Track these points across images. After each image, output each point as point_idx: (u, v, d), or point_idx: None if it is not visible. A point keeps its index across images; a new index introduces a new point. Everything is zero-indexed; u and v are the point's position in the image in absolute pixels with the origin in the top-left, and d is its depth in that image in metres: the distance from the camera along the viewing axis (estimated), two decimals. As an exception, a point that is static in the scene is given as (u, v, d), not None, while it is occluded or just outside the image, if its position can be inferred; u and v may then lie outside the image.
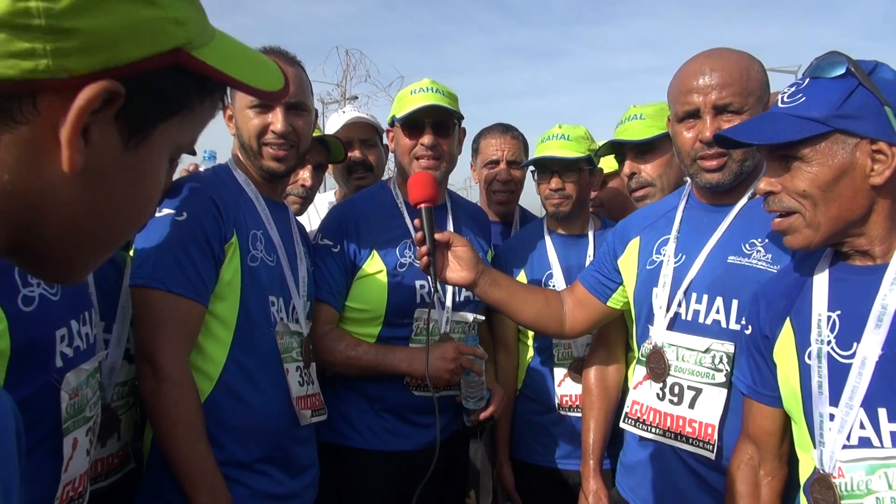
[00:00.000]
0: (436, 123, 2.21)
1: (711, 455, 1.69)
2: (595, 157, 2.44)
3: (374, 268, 2.19)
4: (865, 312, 1.30)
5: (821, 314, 1.38)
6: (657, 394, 1.80)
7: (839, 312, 1.35)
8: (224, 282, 1.79)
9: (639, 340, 1.94)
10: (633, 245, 1.97)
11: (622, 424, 1.94)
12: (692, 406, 1.73)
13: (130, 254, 1.79)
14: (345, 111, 3.10)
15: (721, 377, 1.69)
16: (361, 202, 2.35)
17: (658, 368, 1.80)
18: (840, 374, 1.31)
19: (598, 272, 2.06)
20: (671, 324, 1.80)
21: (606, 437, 2.25)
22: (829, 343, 1.35)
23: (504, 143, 2.92)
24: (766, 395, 1.52)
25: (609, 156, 2.48)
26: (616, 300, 2.04)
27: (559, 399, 2.40)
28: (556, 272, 2.43)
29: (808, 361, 1.37)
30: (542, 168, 2.44)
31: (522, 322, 2.19)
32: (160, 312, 1.68)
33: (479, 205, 2.91)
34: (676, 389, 1.76)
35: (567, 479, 2.40)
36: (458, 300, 2.29)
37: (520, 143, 2.97)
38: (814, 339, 1.37)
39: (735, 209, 1.78)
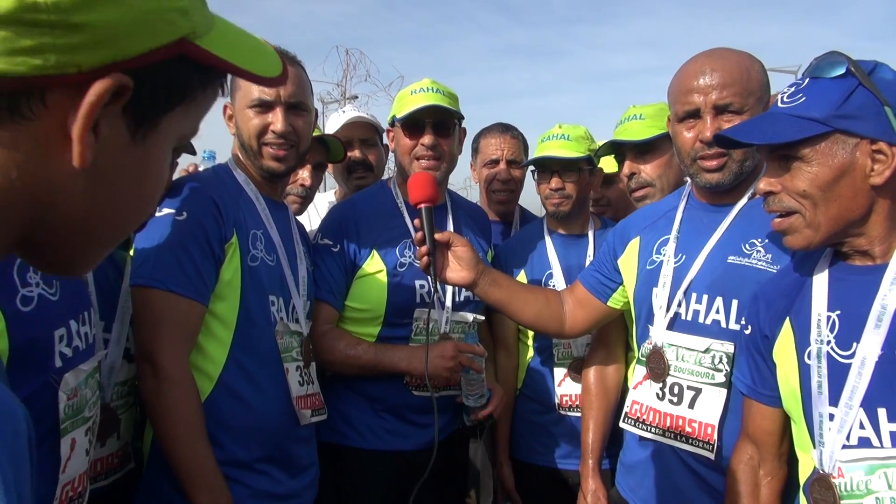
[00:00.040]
0: (436, 123, 2.21)
1: (711, 455, 1.69)
2: (595, 158, 2.44)
3: (374, 267, 2.19)
4: (865, 312, 1.30)
5: (820, 314, 1.38)
6: (657, 394, 1.80)
7: (839, 312, 1.35)
8: (224, 281, 1.80)
9: (639, 340, 1.94)
10: (633, 245, 1.97)
11: (622, 424, 1.94)
12: (692, 406, 1.73)
13: (130, 253, 1.80)
14: (345, 111, 3.10)
15: (721, 377, 1.69)
16: (361, 202, 2.35)
17: (658, 368, 1.80)
18: (840, 374, 1.31)
19: (599, 272, 2.06)
20: (671, 324, 1.80)
21: (606, 437, 2.25)
22: (829, 343, 1.35)
23: (504, 143, 2.92)
24: (766, 395, 1.52)
25: (609, 156, 2.48)
26: (616, 300, 2.04)
27: (559, 399, 2.40)
28: (556, 272, 2.43)
29: (808, 361, 1.37)
30: (542, 168, 2.44)
31: (522, 322, 2.19)
32: (160, 312, 1.68)
33: (479, 204, 2.92)
34: (676, 389, 1.76)
35: (567, 479, 2.40)
36: (458, 300, 2.29)
37: (519, 143, 2.97)
38: (813, 339, 1.37)
39: (735, 209, 1.78)
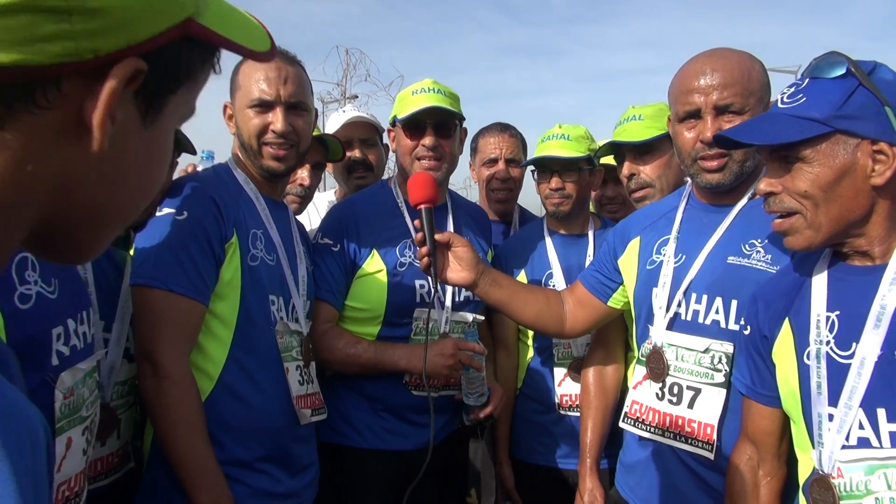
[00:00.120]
0: (437, 124, 2.21)
1: (711, 455, 1.69)
2: (595, 158, 2.44)
3: (374, 267, 2.19)
4: (864, 313, 1.30)
5: (820, 314, 1.38)
6: (656, 394, 1.81)
7: (838, 313, 1.36)
8: (224, 281, 1.80)
9: (638, 340, 1.94)
10: (634, 245, 1.98)
11: (621, 424, 1.94)
12: (691, 406, 1.73)
13: (131, 253, 1.80)
14: (345, 110, 3.10)
15: (720, 377, 1.69)
16: (362, 201, 2.35)
17: (657, 368, 1.80)
18: (839, 375, 1.31)
19: (599, 272, 2.07)
20: (671, 324, 1.80)
21: (604, 437, 2.25)
22: (828, 343, 1.35)
23: (502, 142, 2.92)
24: (765, 396, 1.52)
25: (608, 156, 2.48)
26: (616, 300, 2.04)
27: (559, 398, 2.40)
28: (556, 272, 2.43)
29: (807, 362, 1.37)
30: (543, 168, 2.44)
31: (523, 322, 2.19)
32: (160, 312, 1.68)
33: (479, 204, 2.91)
34: (676, 389, 1.77)
35: (567, 479, 2.40)
36: (458, 300, 2.29)
37: (518, 142, 2.97)
38: (813, 340, 1.37)
39: (735, 209, 1.78)
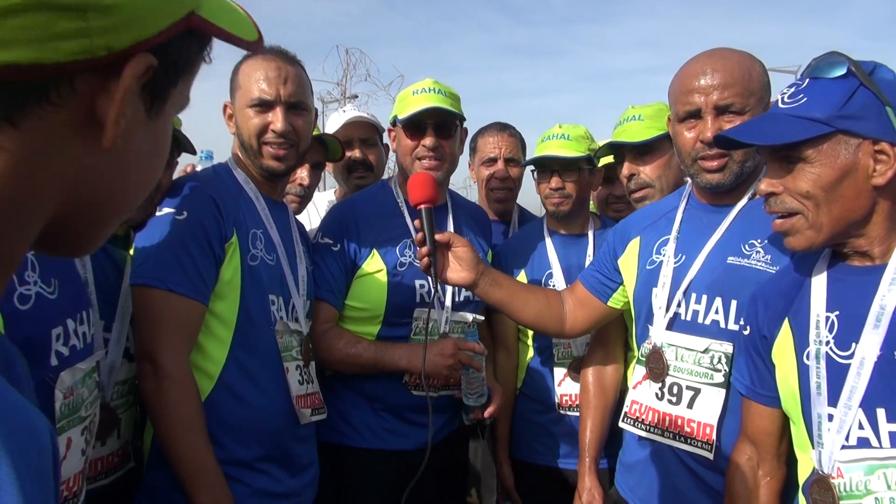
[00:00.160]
0: (438, 125, 2.21)
1: (710, 455, 1.69)
2: (595, 158, 2.44)
3: (374, 267, 2.19)
4: (864, 313, 1.30)
5: (819, 315, 1.38)
6: (656, 393, 1.81)
7: (837, 313, 1.36)
8: (224, 281, 1.80)
9: (638, 340, 1.94)
10: (634, 245, 1.98)
11: (621, 424, 1.94)
12: (691, 406, 1.73)
13: (131, 253, 1.80)
14: (345, 110, 3.10)
15: (720, 377, 1.69)
16: (362, 201, 2.35)
17: (657, 368, 1.80)
18: (838, 375, 1.31)
19: (599, 272, 2.07)
20: (670, 324, 1.80)
21: (603, 436, 2.25)
22: (828, 343, 1.35)
23: (501, 141, 2.93)
24: (765, 396, 1.52)
25: (608, 156, 2.48)
26: (616, 300, 2.04)
27: (559, 398, 2.40)
28: (556, 272, 2.43)
29: (807, 362, 1.37)
30: (543, 167, 2.44)
31: (523, 322, 2.19)
32: (160, 311, 1.68)
33: (478, 204, 2.91)
34: (675, 389, 1.77)
35: (567, 479, 2.40)
36: (458, 300, 2.29)
37: (517, 141, 2.97)
38: (812, 340, 1.37)
39: (735, 210, 1.78)
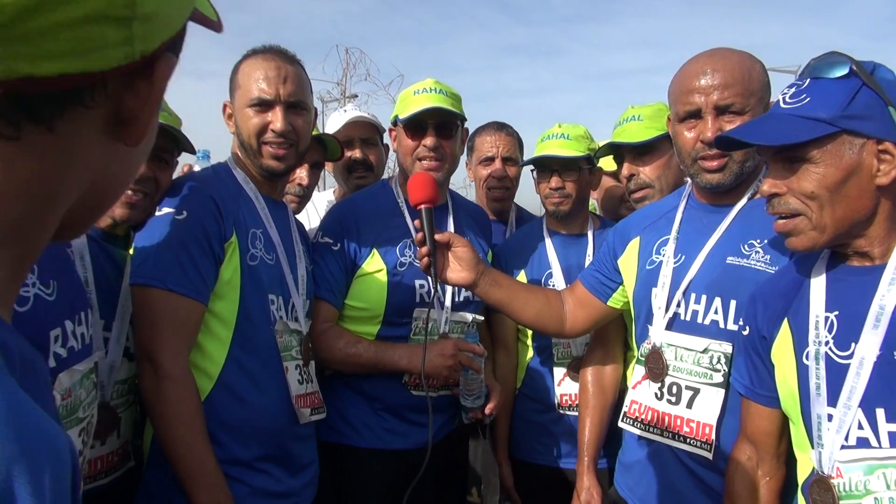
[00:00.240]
0: (438, 125, 2.21)
1: (709, 455, 1.69)
2: (594, 158, 2.44)
3: (374, 267, 2.19)
4: (863, 313, 1.30)
5: (818, 315, 1.38)
6: (655, 393, 1.81)
7: (837, 313, 1.36)
8: (224, 280, 1.80)
9: (638, 340, 1.94)
10: (633, 245, 1.98)
11: (620, 423, 1.94)
12: (690, 406, 1.73)
13: (130, 252, 1.80)
14: (345, 110, 3.10)
15: (719, 377, 1.69)
16: (362, 201, 2.35)
17: (657, 368, 1.80)
18: (838, 375, 1.31)
19: (599, 272, 2.07)
20: (670, 324, 1.80)
21: (602, 436, 2.25)
22: (827, 344, 1.35)
23: (499, 140, 2.92)
24: (764, 396, 1.52)
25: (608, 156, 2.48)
26: (616, 300, 2.04)
27: (559, 398, 2.40)
28: (556, 272, 2.43)
29: (806, 362, 1.37)
30: (542, 167, 2.44)
31: (523, 322, 2.19)
32: (160, 311, 1.68)
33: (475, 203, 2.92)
34: (674, 389, 1.77)
35: (566, 478, 2.40)
36: (458, 300, 2.29)
37: (514, 140, 2.97)
38: (811, 340, 1.37)
39: (735, 210, 1.78)
